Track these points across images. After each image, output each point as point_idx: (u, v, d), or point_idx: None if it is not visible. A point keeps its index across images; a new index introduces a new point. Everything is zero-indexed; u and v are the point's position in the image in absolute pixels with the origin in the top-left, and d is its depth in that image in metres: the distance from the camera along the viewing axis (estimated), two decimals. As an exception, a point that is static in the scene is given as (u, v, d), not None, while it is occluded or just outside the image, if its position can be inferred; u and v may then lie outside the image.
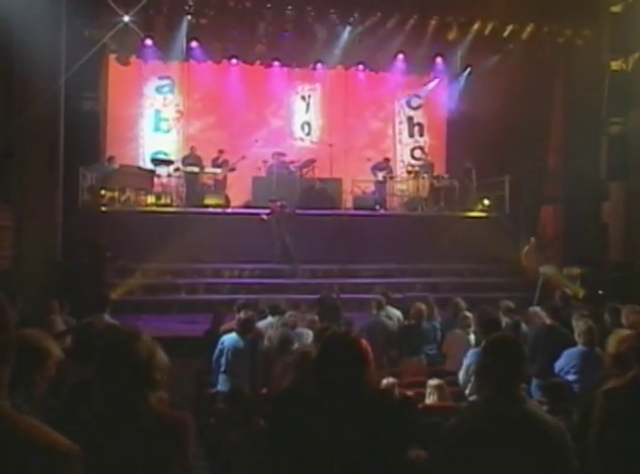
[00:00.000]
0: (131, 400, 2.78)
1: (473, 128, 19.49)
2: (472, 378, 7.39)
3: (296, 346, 8.39)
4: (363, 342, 3.30)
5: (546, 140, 18.83)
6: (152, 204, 17.61)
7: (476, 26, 18.04)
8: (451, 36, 18.50)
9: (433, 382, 7.15)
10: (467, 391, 7.49)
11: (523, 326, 9.39)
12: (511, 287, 15.38)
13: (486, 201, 18.44)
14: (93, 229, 15.12)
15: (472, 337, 9.08)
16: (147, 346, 2.85)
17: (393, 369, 8.67)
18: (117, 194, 17.03)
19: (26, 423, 1.86)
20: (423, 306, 9.92)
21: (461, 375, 7.80)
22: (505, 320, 9.27)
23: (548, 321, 8.65)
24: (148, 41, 18.35)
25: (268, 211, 16.17)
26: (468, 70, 20.21)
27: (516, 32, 18.00)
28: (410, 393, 7.06)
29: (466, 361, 7.76)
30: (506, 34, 18.13)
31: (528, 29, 17.87)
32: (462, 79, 20.52)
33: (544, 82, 18.36)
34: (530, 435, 3.21)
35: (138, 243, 14.83)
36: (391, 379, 6.76)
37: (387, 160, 20.16)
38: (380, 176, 19.47)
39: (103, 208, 16.36)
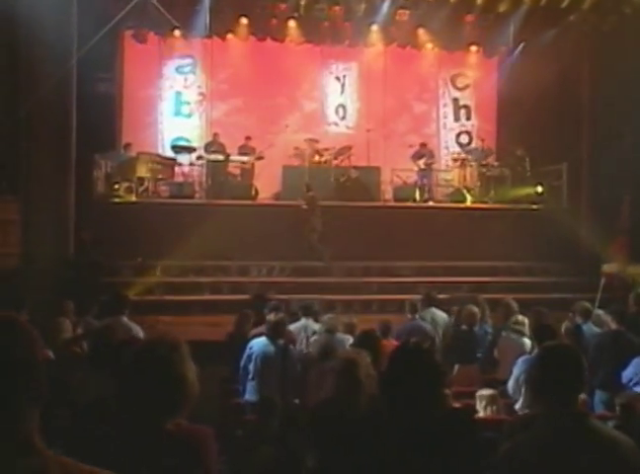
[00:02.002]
0: (159, 421, 2.72)
1: (526, 111, 19.25)
2: (523, 389, 7.28)
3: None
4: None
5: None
6: (172, 196, 17.62)
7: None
8: (503, 7, 18.27)
9: (485, 393, 7.05)
10: (518, 404, 7.35)
11: (588, 330, 9.22)
12: (569, 288, 15.20)
13: (539, 188, 18.20)
14: (108, 223, 15.19)
15: (527, 342, 8.95)
16: (184, 365, 2.78)
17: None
18: (134, 184, 17.07)
19: (70, 464, 1.94)
20: (475, 310, 9.84)
21: (510, 385, 7.68)
22: (582, 324, 9.11)
23: (614, 326, 8.50)
24: (169, 16, 18.36)
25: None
26: (521, 46, 19.92)
27: (576, 1, 17.69)
28: (458, 405, 6.96)
29: (516, 370, 7.63)
30: (564, 4, 17.83)
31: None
32: (514, 56, 20.25)
33: (610, 58, 18.04)
34: (599, 456, 3.10)
35: (158, 238, 14.87)
36: (446, 390, 6.68)
37: (424, 145, 19.94)
38: (422, 164, 19.27)
39: (118, 200, 16.42)
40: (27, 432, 1.93)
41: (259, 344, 8.18)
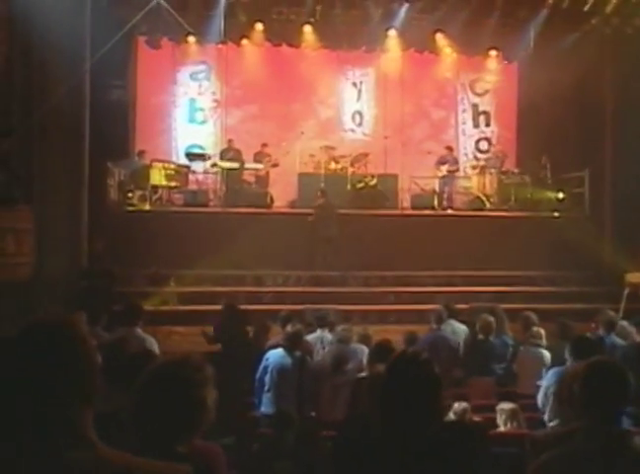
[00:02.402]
0: (170, 443, 2.71)
1: (547, 117, 19.23)
2: (551, 401, 7.23)
3: (350, 365, 8.34)
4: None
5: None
6: (186, 204, 17.66)
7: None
8: (523, 11, 18.24)
9: (505, 406, 7.02)
10: (546, 416, 7.31)
11: (610, 342, 9.15)
12: (591, 298, 15.13)
13: (561, 194, 18.11)
14: (121, 232, 15.24)
15: (546, 354, 8.91)
16: (206, 388, 2.77)
17: (459, 391, 8.55)
18: (147, 192, 17.13)
19: (132, 460, 2.15)
20: (491, 319, 9.79)
21: (540, 398, 7.62)
22: (605, 335, 9.05)
23: (639, 338, 8.44)
24: (182, 22, 18.43)
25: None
26: (541, 51, 19.84)
27: (599, 3, 17.61)
28: (478, 418, 6.94)
29: (545, 382, 7.58)
30: (586, 7, 17.76)
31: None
32: (535, 61, 20.17)
33: (633, 62, 17.95)
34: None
35: (171, 247, 14.92)
36: (464, 404, 6.66)
37: (450, 149, 19.90)
38: (444, 170, 19.22)
39: (132, 209, 16.48)
40: (83, 427, 2.08)
41: (275, 355, 8.17)
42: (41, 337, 2.11)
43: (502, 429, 6.91)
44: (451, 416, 6.66)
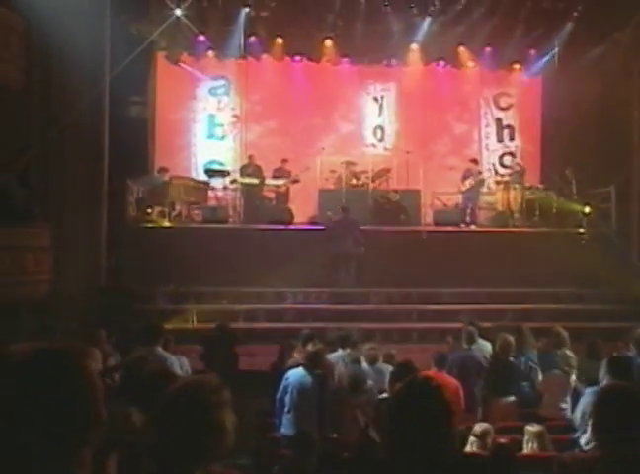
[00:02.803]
0: (189, 468, 2.69)
1: (572, 131, 19.16)
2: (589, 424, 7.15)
3: (371, 384, 8.31)
4: (453, 385, 3.19)
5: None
6: (206, 220, 17.70)
7: (578, 10, 17.69)
8: (548, 25, 18.23)
9: (533, 428, 6.95)
10: (583, 439, 7.19)
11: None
12: (619, 316, 14.97)
13: (587, 209, 17.98)
14: (140, 249, 15.29)
15: (572, 377, 8.81)
16: (225, 411, 2.76)
17: (480, 412, 8.51)
18: (166, 209, 17.19)
19: None
20: (510, 338, 9.66)
21: (577, 419, 7.54)
22: (636, 355, 8.95)
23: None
24: (202, 38, 18.58)
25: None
26: (566, 64, 19.81)
27: (623, 17, 17.56)
28: (503, 440, 6.88)
29: (582, 404, 7.51)
30: (611, 20, 17.72)
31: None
32: (559, 75, 20.13)
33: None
34: None
35: (191, 264, 14.94)
36: (485, 425, 6.61)
37: (474, 161, 19.82)
38: (467, 184, 19.14)
39: (151, 225, 16.54)
40: (70, 466, 2.00)
41: (295, 375, 8.14)
42: (42, 367, 2.10)
43: (527, 451, 6.84)
44: (472, 439, 6.61)
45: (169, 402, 2.76)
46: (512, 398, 9.21)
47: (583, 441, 7.17)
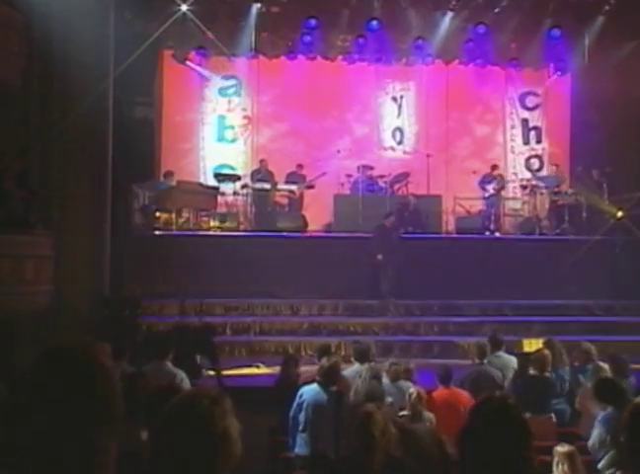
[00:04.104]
0: None
1: (603, 133, 19.05)
2: (607, 449, 7.06)
3: (390, 401, 8.25)
4: (467, 400, 3.14)
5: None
6: (215, 228, 17.71)
7: (609, 3, 17.60)
8: (577, 20, 18.14)
9: (562, 449, 6.83)
10: (601, 464, 7.12)
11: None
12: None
13: (620, 213, 17.83)
14: (146, 257, 15.28)
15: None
16: (227, 420, 2.74)
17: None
18: (174, 215, 17.17)
19: None
20: (547, 352, 9.63)
21: (592, 442, 7.46)
22: None
23: None
24: (210, 35, 18.58)
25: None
26: (596, 61, 19.71)
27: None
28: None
29: (597, 428, 7.42)
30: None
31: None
32: (589, 73, 20.02)
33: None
34: None
35: (199, 274, 14.92)
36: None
37: (495, 167, 19.80)
38: (491, 189, 19.06)
39: (157, 233, 16.53)
40: (100, 466, 2.09)
41: (310, 392, 8.07)
42: (59, 362, 2.17)
43: (555, 473, 6.74)
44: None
45: (167, 417, 2.74)
46: (549, 416, 9.14)
47: (600, 466, 7.09)
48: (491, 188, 19.07)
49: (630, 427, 3.30)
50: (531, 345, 11.57)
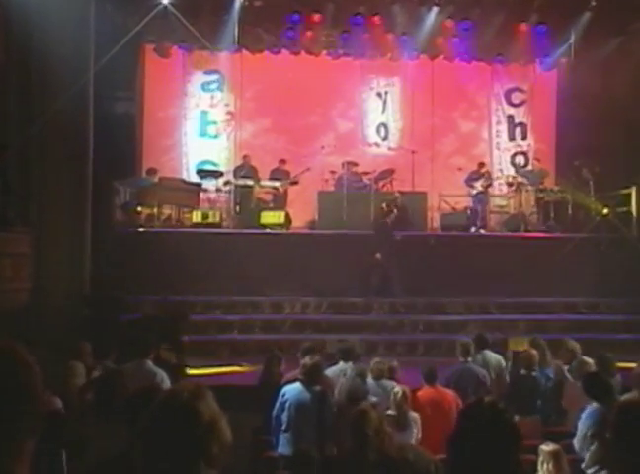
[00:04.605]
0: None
1: (589, 129, 19.10)
2: (591, 446, 7.10)
3: (374, 401, 8.25)
4: (452, 400, 3.15)
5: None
6: (198, 224, 17.66)
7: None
8: (563, 15, 18.17)
9: (547, 448, 6.87)
10: (585, 461, 7.16)
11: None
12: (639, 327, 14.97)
13: (605, 210, 17.90)
14: (128, 255, 15.24)
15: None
16: (212, 410, 2.75)
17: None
18: (155, 212, 17.13)
19: None
20: (534, 351, 9.68)
21: (577, 441, 7.49)
22: None
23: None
24: (193, 29, 18.50)
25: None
26: (583, 57, 19.74)
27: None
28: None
29: (582, 425, 7.46)
30: (631, 8, 17.63)
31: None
32: (575, 68, 20.06)
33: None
34: None
35: (181, 271, 14.90)
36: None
37: (483, 165, 19.83)
38: (479, 186, 19.10)
39: (139, 230, 16.48)
40: (8, 465, 2.01)
41: (293, 391, 8.08)
42: None
43: (541, 473, 6.77)
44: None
45: (151, 416, 2.75)
46: (536, 416, 9.18)
47: (583, 465, 7.14)
48: (479, 185, 19.09)
49: (618, 425, 3.31)
50: (517, 343, 11.62)
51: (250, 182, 18.44)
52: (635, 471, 3.12)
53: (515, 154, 21.81)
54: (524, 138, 21.94)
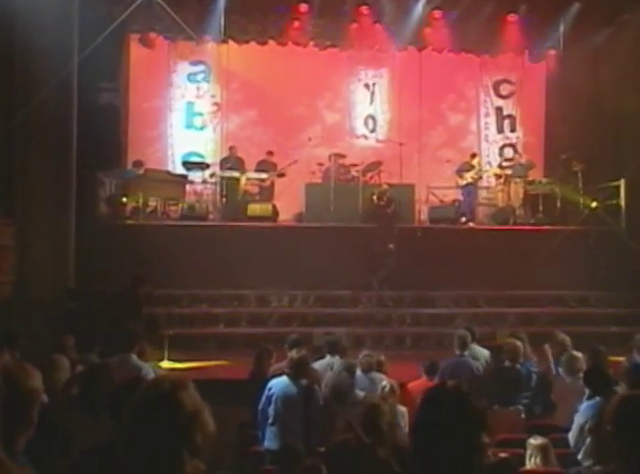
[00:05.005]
0: (164, 467, 2.68)
1: (578, 121, 19.12)
2: (588, 439, 7.13)
3: (362, 395, 8.26)
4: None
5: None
6: (184, 217, 17.62)
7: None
8: (552, 5, 18.19)
9: (535, 441, 6.91)
10: (580, 455, 7.20)
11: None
12: (628, 320, 15.04)
13: (594, 204, 17.93)
14: (112, 248, 15.19)
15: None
16: (194, 400, 2.76)
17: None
18: (141, 204, 17.09)
19: None
20: (519, 343, 9.69)
21: (573, 435, 7.52)
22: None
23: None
24: (178, 19, 18.42)
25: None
26: (572, 49, 19.75)
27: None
28: (504, 454, 6.84)
29: (579, 418, 7.48)
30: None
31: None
32: (564, 60, 20.09)
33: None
34: None
35: (167, 264, 14.87)
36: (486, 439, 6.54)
37: (474, 156, 19.82)
38: (469, 177, 19.10)
39: (124, 222, 16.43)
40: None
41: (279, 384, 8.07)
42: None
43: (529, 466, 6.81)
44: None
45: (133, 407, 2.76)
46: (519, 408, 9.21)
47: (580, 457, 7.18)
48: (469, 176, 19.06)
49: (617, 419, 3.32)
50: (503, 337, 11.65)
51: (236, 174, 18.41)
52: (634, 464, 3.14)
53: (503, 146, 21.81)
54: (513, 130, 21.95)
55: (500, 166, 20.75)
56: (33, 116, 13.60)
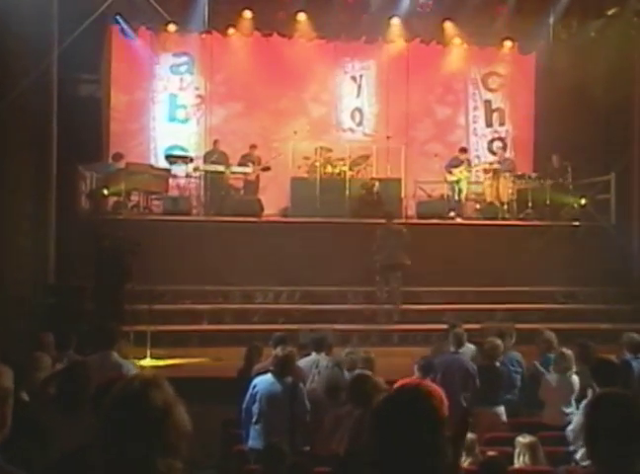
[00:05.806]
0: (136, 465, 2.67)
1: (568, 115, 19.16)
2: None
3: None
4: (438, 394, 3.12)
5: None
6: (167, 212, 17.58)
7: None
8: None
9: (523, 440, 6.95)
10: (579, 454, 7.21)
11: (638, 367, 9.11)
12: (618, 317, 15.15)
13: (583, 201, 17.98)
14: (93, 243, 15.14)
15: (575, 380, 8.83)
16: (166, 397, 2.76)
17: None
18: (123, 199, 17.05)
19: None
20: (498, 342, 9.67)
21: (571, 433, 7.54)
22: (631, 359, 9.01)
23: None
24: (160, 9, 18.37)
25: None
26: (562, 41, 19.80)
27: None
28: (492, 453, 6.88)
29: (578, 415, 7.52)
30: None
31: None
32: (554, 53, 20.11)
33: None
34: None
35: (149, 260, 14.81)
36: (470, 435, 6.58)
37: (464, 150, 19.87)
38: (458, 172, 19.07)
39: (105, 217, 16.38)
40: None
41: (263, 382, 8.06)
42: None
43: (518, 464, 6.84)
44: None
45: (106, 406, 2.77)
46: (499, 408, 9.22)
47: (579, 456, 7.19)
48: (458, 172, 19.08)
49: (591, 420, 3.32)
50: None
51: (220, 168, 18.37)
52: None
53: (492, 140, 21.84)
54: (502, 124, 21.98)
55: (490, 161, 20.72)
56: (11, 108, 13.50)
